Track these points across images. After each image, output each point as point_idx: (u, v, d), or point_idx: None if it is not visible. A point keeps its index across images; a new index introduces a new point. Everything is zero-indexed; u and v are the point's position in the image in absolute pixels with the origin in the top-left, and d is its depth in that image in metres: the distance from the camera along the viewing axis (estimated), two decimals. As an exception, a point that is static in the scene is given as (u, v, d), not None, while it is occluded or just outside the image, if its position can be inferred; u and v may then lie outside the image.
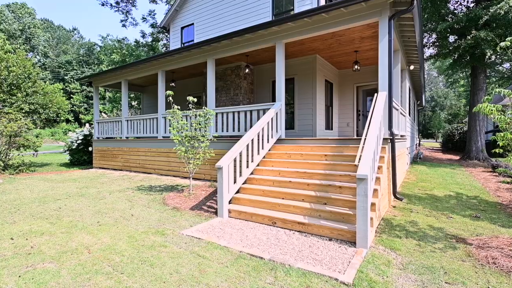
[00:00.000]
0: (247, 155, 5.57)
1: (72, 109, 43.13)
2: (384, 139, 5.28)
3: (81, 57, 54.43)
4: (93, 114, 15.79)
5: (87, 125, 14.13)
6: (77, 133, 13.08)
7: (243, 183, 5.44)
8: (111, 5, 23.02)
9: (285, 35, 6.60)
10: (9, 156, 10.30)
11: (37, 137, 13.29)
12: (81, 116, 44.42)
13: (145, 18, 24.12)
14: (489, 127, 17.32)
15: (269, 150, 6.30)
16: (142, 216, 4.83)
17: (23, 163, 10.84)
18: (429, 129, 47.44)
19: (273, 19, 10.17)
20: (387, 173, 5.09)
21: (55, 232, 4.03)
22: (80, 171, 10.92)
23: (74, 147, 12.73)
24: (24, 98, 15.05)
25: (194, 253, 3.31)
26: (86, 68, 52.17)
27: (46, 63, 52.46)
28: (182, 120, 6.29)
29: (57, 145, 31.85)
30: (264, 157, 6.09)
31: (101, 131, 11.79)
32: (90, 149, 12.60)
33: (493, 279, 2.73)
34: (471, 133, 13.34)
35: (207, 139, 6.18)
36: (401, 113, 7.22)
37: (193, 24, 13.18)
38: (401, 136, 7.11)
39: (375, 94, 5.47)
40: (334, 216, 4.04)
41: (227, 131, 7.71)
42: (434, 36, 14.28)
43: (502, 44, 3.59)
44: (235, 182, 5.20)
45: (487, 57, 11.83)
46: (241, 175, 5.35)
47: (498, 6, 10.12)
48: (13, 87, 14.92)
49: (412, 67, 9.34)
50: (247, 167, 5.55)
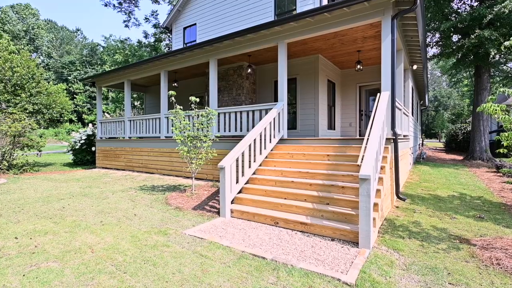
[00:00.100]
0: (250, 155, 5.58)
1: (75, 109, 43.40)
2: (387, 139, 5.27)
3: (84, 58, 54.74)
4: (96, 114, 15.87)
5: (90, 125, 14.20)
6: (80, 133, 13.16)
7: (246, 183, 5.44)
8: (114, 5, 23.15)
9: (288, 35, 6.59)
10: (13, 156, 10.39)
11: (40, 137, 13.39)
12: (84, 116, 44.67)
13: (148, 18, 24.20)
14: (493, 127, 17.19)
15: (272, 150, 6.29)
16: (144, 215, 4.85)
17: (27, 163, 10.93)
18: (432, 129, 47.22)
19: (275, 19, 10.17)
20: (390, 173, 5.07)
21: (58, 231, 4.06)
22: (83, 171, 10.99)
23: (77, 147, 12.82)
24: (28, 98, 15.14)
25: (196, 253, 3.32)
26: (89, 68, 52.46)
27: (49, 64, 52.82)
28: (184, 120, 6.30)
29: (60, 145, 32.06)
30: (266, 157, 6.08)
31: (104, 131, 11.85)
32: (93, 149, 12.67)
33: (497, 280, 2.71)
34: (475, 133, 13.25)
35: (210, 139, 6.20)
36: (404, 113, 7.18)
37: (195, 24, 13.21)
38: (404, 136, 7.07)
39: (378, 94, 5.45)
40: (336, 216, 4.03)
41: (229, 131, 7.71)
42: (437, 35, 14.20)
43: (506, 43, 3.56)
44: (237, 182, 5.21)
45: (491, 56, 11.74)
46: (243, 175, 5.36)
47: (502, 5, 10.05)
48: (17, 88, 15.02)
49: (415, 67, 9.30)
50: (250, 167, 5.55)
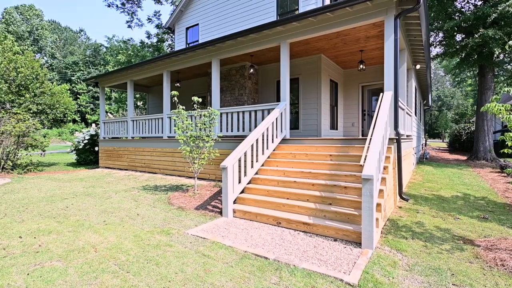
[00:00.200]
0: (252, 155, 5.58)
1: (78, 109, 43.63)
2: (390, 139, 5.24)
3: (87, 58, 55.05)
4: (99, 114, 15.96)
5: (94, 125, 14.29)
6: (83, 133, 13.24)
7: (248, 183, 5.44)
8: (117, 6, 23.27)
9: (290, 35, 6.58)
10: (17, 155, 10.47)
11: (44, 137, 13.49)
12: (88, 116, 44.95)
13: (150, 19, 24.29)
14: (497, 127, 17.06)
15: (274, 150, 6.29)
16: (147, 215, 4.87)
17: (31, 162, 11.01)
18: (436, 129, 46.94)
19: (278, 19, 10.16)
20: (393, 173, 5.05)
21: (62, 231, 4.08)
22: (86, 171, 11.05)
23: (80, 147, 12.89)
24: (32, 98, 15.27)
25: (199, 252, 3.33)
26: (92, 68, 52.75)
27: (53, 64, 53.20)
28: (187, 120, 6.32)
29: (64, 145, 32.27)
30: (268, 157, 6.08)
31: (107, 131, 11.91)
32: (96, 149, 12.74)
33: (501, 281, 2.69)
34: (479, 133, 13.15)
35: (212, 139, 6.20)
36: (407, 113, 7.15)
37: (198, 24, 13.24)
38: (407, 136, 7.04)
39: (381, 93, 5.43)
40: (339, 216, 4.02)
41: (232, 131, 7.72)
42: (440, 34, 14.11)
43: (510, 42, 3.53)
44: (239, 182, 5.21)
45: (495, 55, 11.66)
46: (245, 175, 5.36)
47: (507, 3, 9.97)
48: (21, 88, 15.16)
49: (418, 66, 9.25)
50: (252, 167, 5.55)
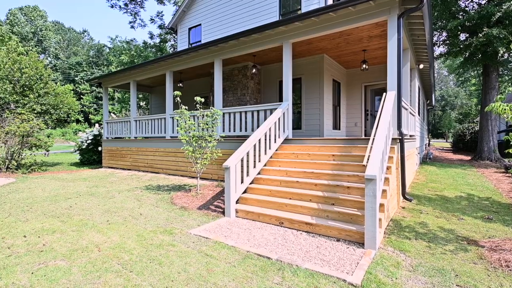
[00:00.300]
0: (254, 155, 5.58)
1: (82, 109, 43.91)
2: (393, 139, 5.22)
3: (91, 59, 55.37)
4: (102, 114, 16.04)
5: (97, 125, 14.36)
6: (87, 133, 13.32)
7: (250, 183, 5.44)
8: (120, 7, 23.34)
9: (293, 35, 6.58)
10: (21, 155, 10.55)
11: (48, 137, 13.60)
12: (91, 116, 45.19)
13: (153, 19, 24.36)
14: (501, 127, 16.93)
15: (276, 150, 6.29)
16: (150, 215, 4.89)
17: (35, 162, 11.10)
18: (439, 128, 46.66)
19: (280, 18, 10.15)
20: (396, 173, 5.03)
21: (66, 230, 4.11)
22: (90, 171, 11.11)
23: (84, 147, 12.97)
24: (36, 99, 15.39)
25: (201, 252, 3.33)
26: (95, 69, 53.05)
27: (57, 65, 53.56)
28: (189, 120, 6.33)
29: (67, 145, 32.48)
30: (271, 157, 6.08)
31: (110, 131, 11.97)
32: (99, 148, 12.80)
33: (506, 283, 2.67)
34: (483, 133, 13.05)
35: (215, 139, 6.21)
36: (410, 113, 7.11)
37: (200, 24, 13.26)
38: (410, 136, 7.00)
39: (384, 93, 5.41)
40: (342, 216, 4.00)
41: (234, 131, 7.73)
42: (444, 34, 14.01)
43: (515, 41, 3.50)
44: (242, 182, 5.21)
45: (499, 55, 11.57)
46: (248, 175, 5.36)
47: (511, 2, 9.88)
48: (25, 88, 15.28)
49: (421, 66, 9.20)
50: (254, 167, 5.55)
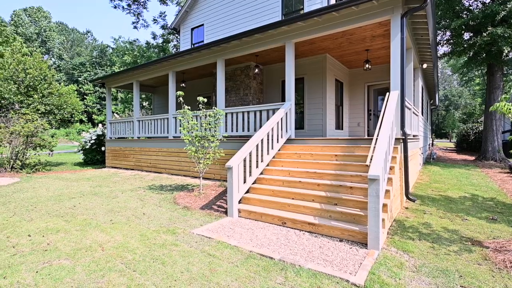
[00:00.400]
0: (257, 155, 5.58)
1: (85, 109, 44.18)
2: (396, 139, 5.19)
3: (94, 59, 55.71)
4: (105, 114, 16.11)
5: (100, 125, 14.44)
6: (90, 133, 13.40)
7: (253, 183, 5.44)
8: (123, 7, 23.43)
9: (295, 35, 6.57)
10: (26, 155, 10.64)
11: (52, 137, 13.69)
12: (94, 116, 45.47)
13: (156, 19, 24.43)
14: (506, 127, 16.78)
15: (279, 150, 6.28)
16: (153, 215, 4.91)
17: (39, 162, 11.18)
18: (443, 128, 46.37)
19: (283, 18, 10.14)
20: (399, 173, 5.00)
21: (70, 229, 4.14)
22: (93, 170, 11.18)
23: (87, 147, 13.05)
24: (40, 99, 15.48)
25: (204, 252, 3.34)
26: (99, 69, 53.34)
27: (61, 65, 53.94)
28: (192, 120, 6.35)
29: (71, 145, 32.70)
30: (273, 157, 6.08)
31: (113, 131, 12.03)
32: (103, 148, 12.88)
33: (511, 284, 2.64)
34: (487, 132, 12.95)
35: (217, 139, 6.22)
36: (414, 113, 7.08)
37: (203, 25, 13.29)
38: (414, 136, 6.97)
39: (387, 93, 5.38)
40: (345, 217, 3.99)
41: (237, 131, 7.73)
42: (448, 33, 13.92)
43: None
44: (244, 182, 5.22)
45: (504, 54, 11.46)
46: (250, 175, 5.36)
47: (516, 1, 9.80)
48: (30, 89, 15.39)
49: (425, 66, 9.14)
50: (257, 167, 5.55)
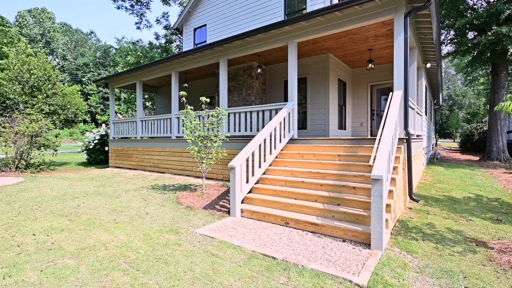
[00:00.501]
0: (260, 155, 5.58)
1: (89, 110, 44.41)
2: (399, 139, 5.17)
3: (97, 59, 56.03)
4: (109, 114, 16.20)
5: (103, 125, 14.53)
6: (94, 133, 13.48)
7: (256, 183, 5.44)
8: (126, 8, 23.56)
9: (298, 35, 6.56)
10: (30, 155, 10.73)
11: (56, 137, 13.82)
12: (98, 116, 45.70)
13: (159, 20, 24.53)
14: (511, 127, 16.61)
15: (282, 150, 6.28)
16: (156, 214, 4.93)
17: (44, 162, 11.27)
18: (447, 128, 46.07)
19: (285, 18, 10.13)
20: (402, 174, 4.98)
21: (74, 229, 4.17)
22: (97, 170, 11.24)
23: (91, 147, 13.14)
24: (44, 99, 15.63)
25: (207, 251, 3.35)
26: (102, 70, 53.66)
27: (64, 66, 54.34)
28: (195, 120, 6.36)
29: (75, 144, 32.92)
30: (276, 157, 6.07)
31: (116, 131, 12.09)
32: (106, 148, 12.95)
33: (516, 285, 2.62)
34: (492, 132, 12.85)
35: (220, 139, 6.23)
36: (417, 112, 7.04)
37: (205, 25, 13.31)
38: (417, 136, 6.92)
39: (390, 93, 5.36)
40: (348, 217, 3.98)
41: (240, 131, 7.73)
42: (452, 32, 13.84)
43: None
44: (247, 182, 5.22)
45: (509, 53, 11.35)
46: (253, 175, 5.36)
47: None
48: (34, 89, 15.54)
49: (428, 65, 9.09)
50: (260, 167, 5.55)
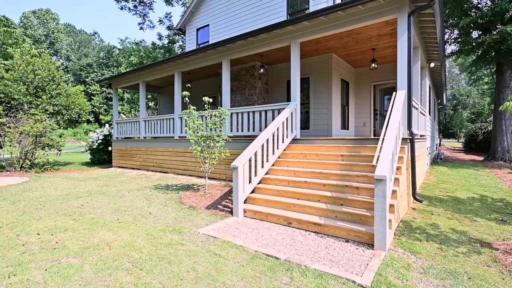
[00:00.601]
0: (262, 155, 5.58)
1: (92, 110, 44.70)
2: (403, 139, 5.14)
3: (101, 60, 56.35)
4: (112, 115, 16.27)
5: (107, 125, 14.60)
6: (97, 133, 13.56)
7: (258, 183, 5.44)
8: (130, 8, 23.64)
9: (301, 34, 6.54)
10: (35, 155, 10.81)
11: (60, 137, 13.94)
12: (101, 117, 45.99)
13: (162, 20, 24.59)
14: (516, 127, 16.44)
15: (284, 150, 6.27)
16: (159, 214, 4.95)
17: (48, 162, 11.35)
18: (451, 128, 45.72)
19: (288, 18, 10.12)
20: (406, 174, 4.95)
21: (78, 228, 4.19)
22: (100, 170, 11.31)
23: (94, 147, 13.21)
24: (48, 99, 15.74)
25: (210, 251, 3.35)
26: (105, 70, 53.94)
27: (68, 66, 54.69)
28: (198, 120, 6.37)
29: (78, 144, 33.13)
30: (279, 157, 6.07)
31: (120, 131, 12.15)
32: (109, 148, 13.02)
33: (521, 286, 2.60)
34: (496, 132, 12.73)
35: (223, 139, 6.24)
36: (421, 112, 6.99)
37: (208, 25, 13.33)
38: (421, 135, 6.88)
39: (394, 92, 5.33)
40: (351, 217, 3.97)
41: (242, 131, 7.74)
42: (456, 32, 13.73)
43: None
44: (250, 182, 5.22)
45: (514, 52, 11.26)
46: (256, 175, 5.36)
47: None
48: (38, 90, 15.66)
49: (432, 65, 9.03)
50: (262, 167, 5.55)
